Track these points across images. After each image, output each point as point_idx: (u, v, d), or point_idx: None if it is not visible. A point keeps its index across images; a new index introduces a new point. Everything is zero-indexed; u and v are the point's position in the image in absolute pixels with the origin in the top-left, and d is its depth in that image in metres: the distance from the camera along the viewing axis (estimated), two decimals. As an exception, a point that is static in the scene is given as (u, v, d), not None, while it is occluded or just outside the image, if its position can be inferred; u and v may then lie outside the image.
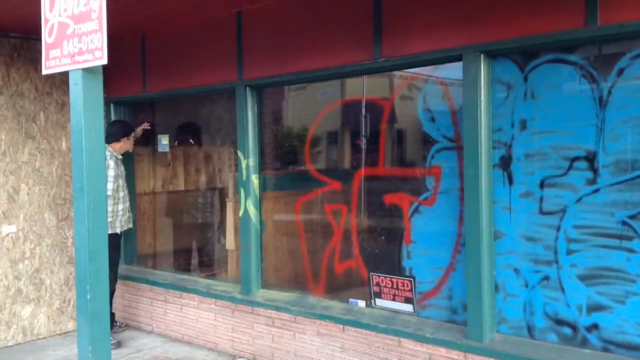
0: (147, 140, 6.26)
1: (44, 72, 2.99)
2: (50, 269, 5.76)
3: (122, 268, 6.21)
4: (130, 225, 5.64)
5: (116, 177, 5.28)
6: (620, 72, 3.28)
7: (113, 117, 6.15)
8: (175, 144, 6.17)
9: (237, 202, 5.20)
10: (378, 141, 4.47)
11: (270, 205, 5.17)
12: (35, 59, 5.61)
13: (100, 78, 2.80)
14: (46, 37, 2.97)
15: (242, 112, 4.95)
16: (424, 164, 4.17)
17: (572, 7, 3.28)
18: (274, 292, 4.95)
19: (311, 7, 4.48)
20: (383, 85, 4.57)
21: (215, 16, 5.01)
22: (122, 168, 5.46)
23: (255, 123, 4.99)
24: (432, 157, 4.10)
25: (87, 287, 2.67)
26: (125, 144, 5.56)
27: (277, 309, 4.70)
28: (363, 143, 4.62)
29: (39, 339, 5.67)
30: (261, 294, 4.96)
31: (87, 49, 2.73)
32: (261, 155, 5.05)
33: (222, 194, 6.04)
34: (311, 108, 5.11)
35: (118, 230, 5.37)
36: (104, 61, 2.66)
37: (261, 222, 5.03)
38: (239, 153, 5.00)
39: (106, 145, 4.67)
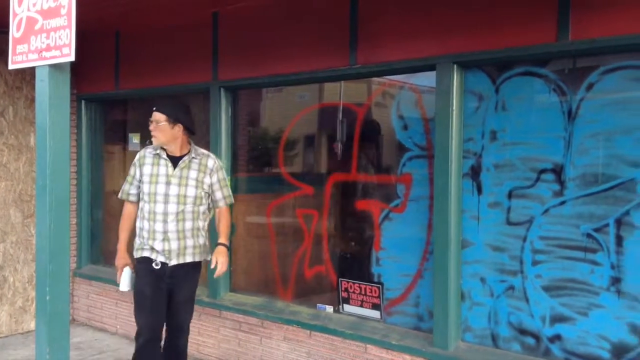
0: (119, 138, 6.18)
1: (10, 67, 2.93)
2: (14, 267, 5.65)
3: (88, 268, 6.14)
4: (187, 260, 3.77)
5: (130, 177, 3.92)
6: (590, 86, 3.33)
7: (84, 115, 6.06)
8: (147, 143, 6.09)
9: (207, 204, 5.14)
10: (351, 147, 4.48)
11: (241, 207, 5.13)
12: (5, 53, 5.46)
13: (68, 75, 2.74)
14: (14, 32, 2.91)
15: (215, 113, 4.92)
16: (396, 171, 4.18)
17: (545, 21, 3.32)
18: (242, 296, 4.92)
19: (288, 11, 4.47)
20: (359, 91, 4.57)
21: (191, 16, 4.97)
22: (154, 170, 3.80)
23: (229, 124, 4.96)
24: (404, 164, 4.12)
25: (47, 288, 2.61)
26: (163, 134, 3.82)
27: (245, 313, 4.67)
28: (338, 148, 4.61)
29: (0, 337, 5.55)
30: (229, 298, 4.92)
31: (55, 45, 2.67)
32: (234, 157, 5.02)
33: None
34: (286, 111, 5.09)
35: (150, 254, 3.72)
36: (72, 58, 2.61)
37: (232, 225, 4.98)
38: (211, 154, 4.95)
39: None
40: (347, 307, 4.33)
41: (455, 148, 3.67)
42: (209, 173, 3.84)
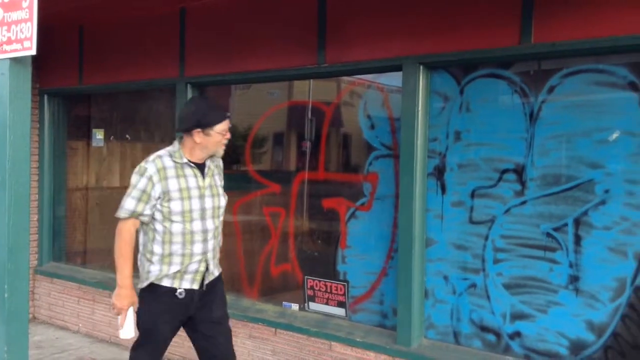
0: (82, 134, 6.07)
1: (-31, 59, 2.84)
2: (-28, 264, 5.50)
3: (49, 265, 6.02)
4: (215, 274, 3.32)
5: (145, 194, 3.03)
6: (551, 89, 3.41)
7: (46, 109, 5.93)
8: (111, 139, 6.01)
9: (173, 201, 5.09)
10: (319, 145, 4.49)
11: (207, 205, 5.09)
12: (-36, 44, 5.34)
13: (29, 69, 2.68)
14: (-27, 23, 2.83)
15: (181, 110, 4.87)
16: (362, 170, 4.21)
17: (509, 25, 3.39)
18: (208, 294, 4.88)
19: (256, 9, 4.46)
20: (327, 90, 4.59)
21: (158, 11, 4.91)
22: (182, 183, 3.08)
23: (195, 121, 4.91)
24: (370, 163, 4.15)
25: (5, 286, 2.55)
26: (202, 140, 3.12)
27: (210, 310, 4.63)
28: (306, 146, 4.63)
29: (-43, 337, 5.40)
30: (194, 295, 4.88)
31: (16, 39, 2.61)
32: (200, 154, 4.97)
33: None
34: (254, 108, 5.08)
35: (180, 283, 3.14)
36: (33, 52, 2.55)
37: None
38: (177, 151, 4.90)
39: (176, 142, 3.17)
40: (313, 305, 4.35)
41: (420, 148, 3.72)
42: (221, 174, 3.37)
